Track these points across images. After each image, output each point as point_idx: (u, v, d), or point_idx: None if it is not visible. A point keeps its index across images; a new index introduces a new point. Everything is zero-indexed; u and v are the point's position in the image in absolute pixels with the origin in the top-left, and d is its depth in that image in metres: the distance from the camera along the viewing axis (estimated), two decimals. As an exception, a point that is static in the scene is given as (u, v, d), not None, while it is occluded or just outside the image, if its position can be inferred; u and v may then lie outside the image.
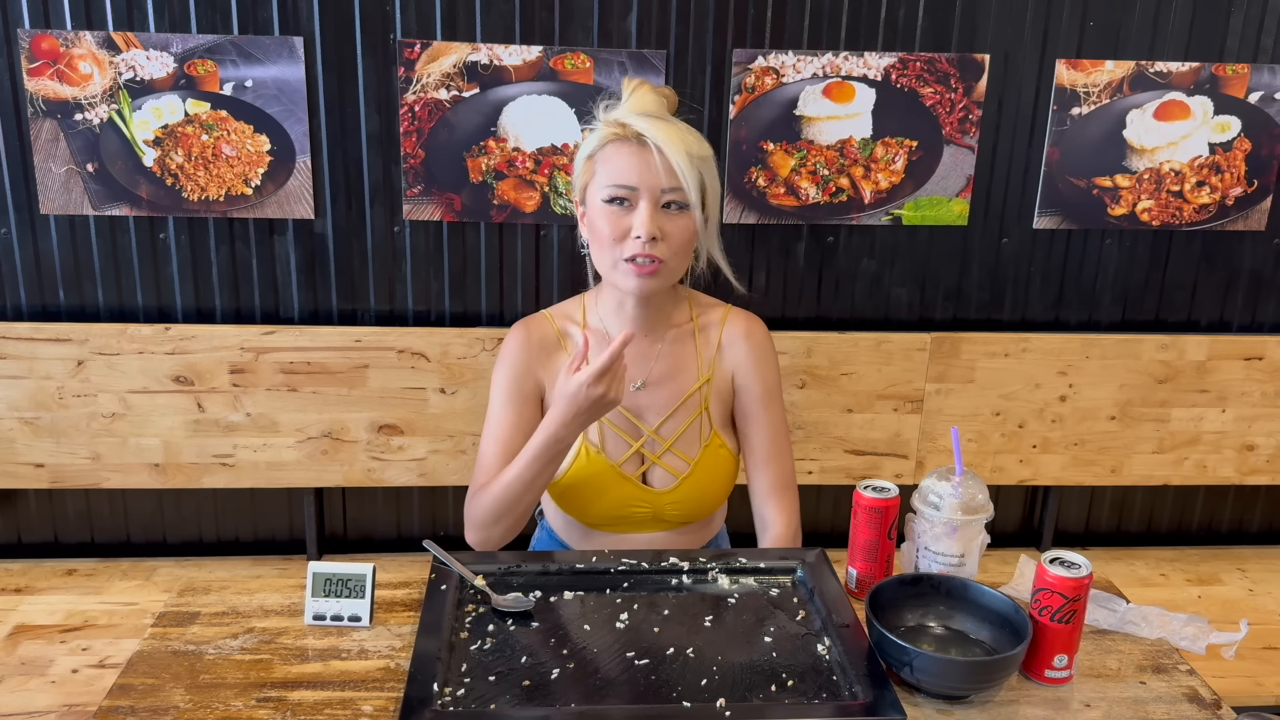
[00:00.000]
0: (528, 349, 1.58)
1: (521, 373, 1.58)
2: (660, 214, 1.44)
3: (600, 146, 1.48)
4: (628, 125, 1.45)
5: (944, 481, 1.40)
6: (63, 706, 1.79)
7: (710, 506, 1.62)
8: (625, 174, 1.44)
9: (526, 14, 2.06)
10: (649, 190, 1.44)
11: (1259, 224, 2.30)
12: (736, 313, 1.63)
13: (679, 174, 1.43)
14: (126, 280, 2.15)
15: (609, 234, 1.46)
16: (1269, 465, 2.39)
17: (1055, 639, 1.23)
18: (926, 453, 2.32)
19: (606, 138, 1.47)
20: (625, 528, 1.59)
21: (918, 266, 2.28)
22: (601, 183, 1.46)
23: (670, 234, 1.45)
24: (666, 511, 1.57)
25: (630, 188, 1.44)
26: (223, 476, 2.20)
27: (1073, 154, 2.22)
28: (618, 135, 1.46)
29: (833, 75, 2.14)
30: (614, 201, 1.45)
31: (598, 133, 1.49)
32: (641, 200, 1.44)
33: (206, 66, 2.03)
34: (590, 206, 1.49)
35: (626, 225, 1.45)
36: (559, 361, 1.58)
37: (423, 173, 2.12)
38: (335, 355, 2.15)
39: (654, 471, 1.57)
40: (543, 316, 1.63)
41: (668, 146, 1.43)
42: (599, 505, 1.56)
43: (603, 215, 1.46)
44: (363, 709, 1.16)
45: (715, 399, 1.59)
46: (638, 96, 1.50)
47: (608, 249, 1.47)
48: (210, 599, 1.37)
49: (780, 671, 1.20)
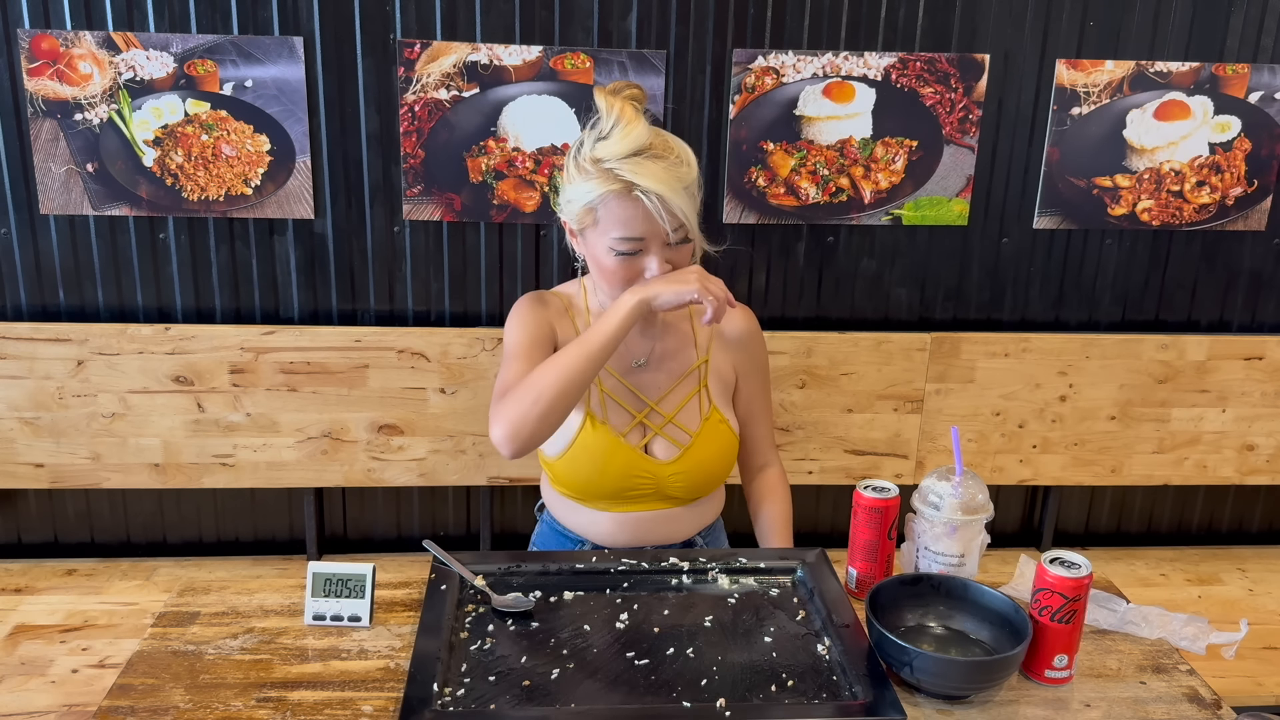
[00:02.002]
0: (544, 307, 1.62)
1: (541, 323, 1.60)
2: (668, 250, 1.48)
3: (601, 200, 1.46)
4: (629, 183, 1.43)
5: (944, 481, 1.40)
6: (63, 706, 1.79)
7: (712, 480, 1.64)
8: (633, 227, 1.45)
9: (526, 14, 2.06)
10: (657, 238, 1.46)
11: (1259, 224, 2.29)
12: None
13: (680, 216, 1.45)
14: (126, 280, 2.15)
15: (620, 279, 1.50)
16: (1269, 465, 2.39)
17: (1055, 639, 1.23)
18: (926, 453, 2.32)
19: (605, 193, 1.45)
20: (628, 504, 1.60)
21: (918, 266, 2.28)
22: (607, 232, 1.47)
23: (677, 263, 1.50)
24: (669, 484, 1.59)
25: (638, 239, 1.46)
26: (223, 476, 2.20)
27: (1073, 154, 2.22)
28: (616, 191, 1.44)
29: (833, 75, 2.14)
30: (623, 254, 1.47)
31: (594, 182, 1.45)
32: (651, 249, 1.47)
33: (206, 66, 2.03)
34: (593, 245, 1.51)
35: (637, 269, 1.48)
36: (567, 331, 1.62)
37: (423, 173, 2.12)
38: (335, 355, 2.15)
39: (656, 443, 1.59)
40: (548, 292, 1.68)
41: (670, 196, 1.43)
42: (603, 478, 1.57)
43: (611, 260, 1.49)
44: (363, 709, 1.16)
45: (713, 377, 1.65)
46: (624, 129, 1.45)
47: (618, 288, 1.50)
48: (210, 599, 1.37)
49: (780, 671, 1.20)
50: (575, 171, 1.50)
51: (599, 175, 1.46)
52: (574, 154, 1.51)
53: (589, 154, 1.48)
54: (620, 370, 1.61)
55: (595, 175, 1.46)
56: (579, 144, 1.51)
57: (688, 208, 1.45)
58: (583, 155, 1.49)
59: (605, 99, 1.49)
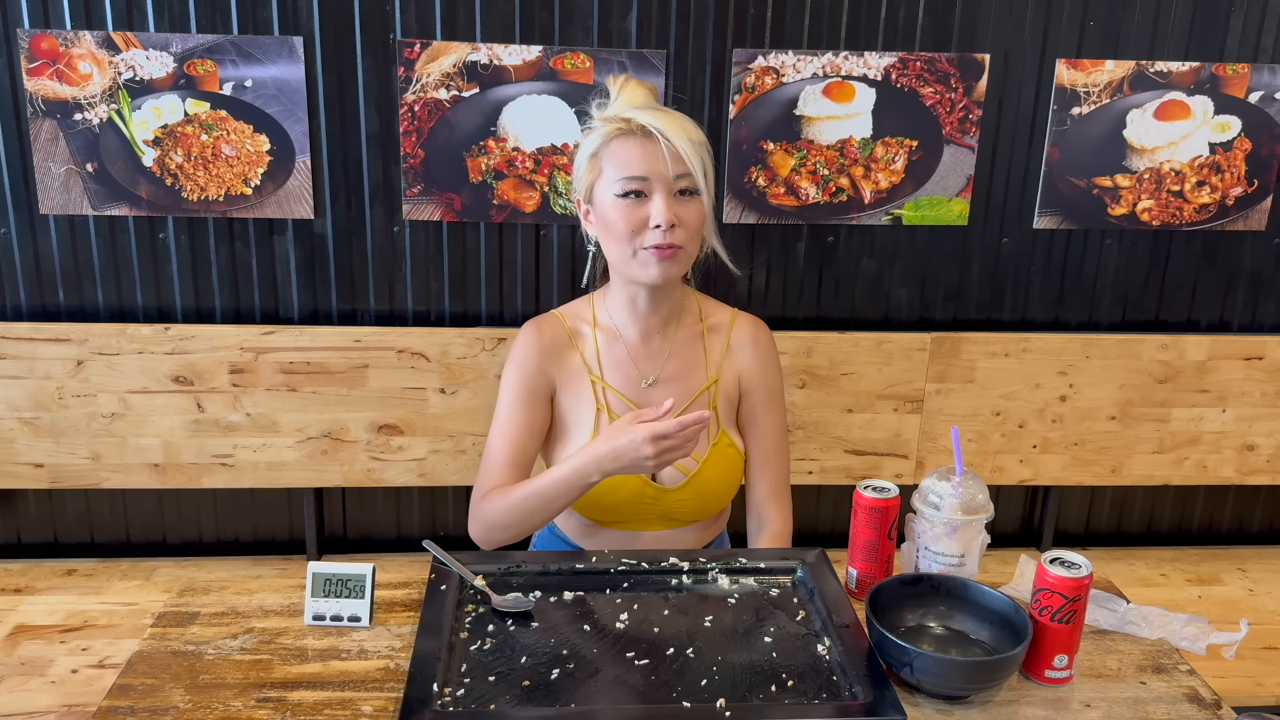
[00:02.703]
0: (539, 347, 1.59)
1: (533, 371, 1.59)
2: (674, 201, 1.47)
3: (604, 143, 1.49)
4: (630, 119, 1.47)
5: (944, 481, 1.40)
6: (62, 706, 1.79)
7: (718, 504, 1.63)
8: (635, 165, 1.46)
9: (526, 14, 2.06)
10: (661, 179, 1.46)
11: (1259, 224, 2.29)
12: (744, 317, 1.67)
13: (686, 160, 1.46)
14: (126, 280, 2.15)
15: (625, 227, 1.47)
16: (1269, 465, 2.39)
17: (1055, 639, 1.23)
18: (926, 453, 2.32)
19: (610, 134, 1.48)
20: (633, 525, 1.60)
21: (918, 266, 2.28)
22: (611, 177, 1.47)
23: (685, 219, 1.48)
24: (674, 509, 1.58)
25: (642, 178, 1.46)
26: (222, 476, 2.20)
27: (1073, 154, 2.22)
28: (621, 130, 1.47)
29: (833, 75, 2.14)
30: (627, 195, 1.46)
31: (599, 130, 1.50)
32: (655, 190, 1.46)
33: (206, 66, 2.03)
34: (600, 203, 1.50)
35: (643, 216, 1.46)
36: (570, 360, 1.59)
37: (422, 173, 2.12)
38: (335, 355, 2.15)
39: None
40: (553, 315, 1.64)
41: (672, 134, 1.45)
42: (608, 501, 1.56)
43: (616, 209, 1.47)
44: (362, 709, 1.16)
45: (722, 399, 1.61)
46: (628, 91, 1.52)
47: (625, 241, 1.48)
48: (210, 599, 1.37)
49: (780, 671, 1.20)
50: (582, 137, 1.53)
51: (602, 123, 1.50)
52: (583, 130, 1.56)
53: (595, 115, 1.53)
54: (629, 392, 1.59)
55: (599, 125, 1.50)
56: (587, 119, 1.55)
57: (692, 155, 1.46)
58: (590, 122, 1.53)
59: (612, 79, 1.55)
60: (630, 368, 1.58)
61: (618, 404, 1.58)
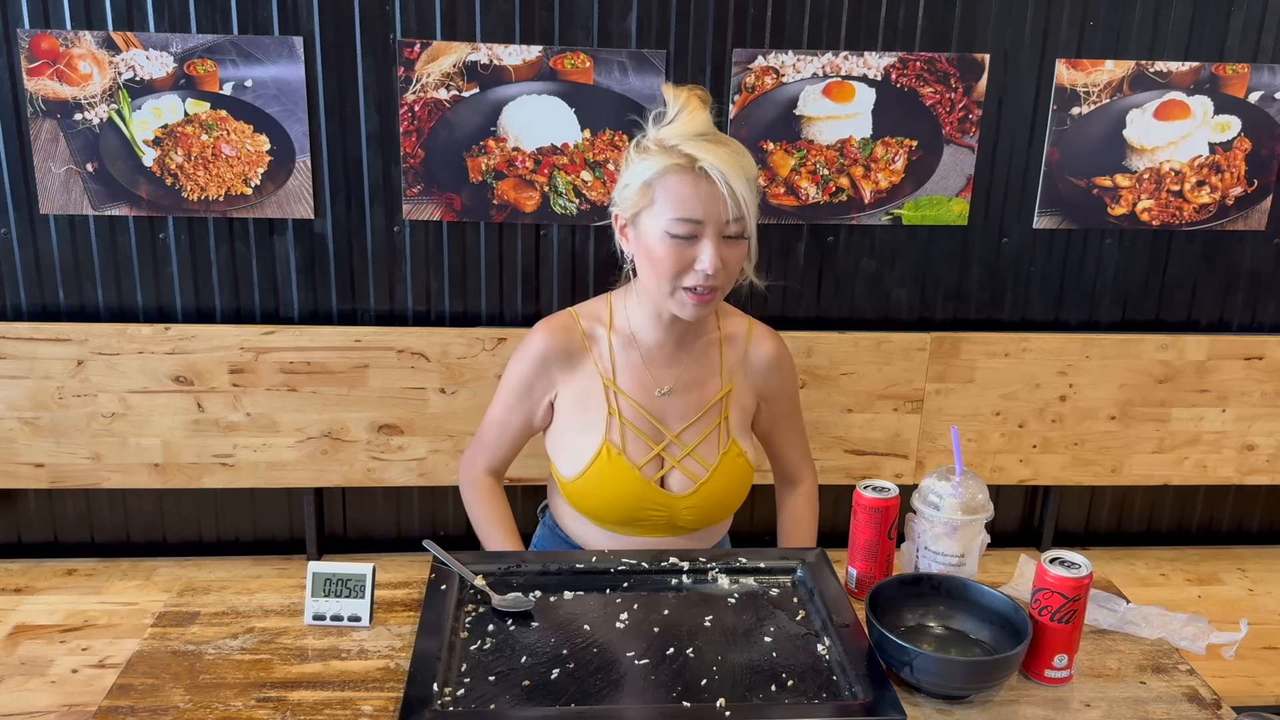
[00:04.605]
0: (549, 354, 1.59)
1: (537, 375, 1.60)
2: (722, 244, 1.43)
3: (660, 175, 1.43)
4: (694, 158, 1.41)
5: (944, 481, 1.40)
6: (62, 706, 1.79)
7: (724, 513, 1.64)
8: (690, 207, 1.41)
9: (526, 14, 2.06)
10: (714, 223, 1.42)
11: (1259, 224, 2.29)
12: (760, 328, 1.67)
13: (742, 205, 1.41)
14: (126, 280, 2.15)
15: (671, 266, 1.44)
16: (1269, 465, 2.39)
17: (1055, 639, 1.23)
18: (926, 453, 2.32)
19: (667, 167, 1.42)
20: (638, 531, 1.60)
21: (918, 266, 2.28)
22: (663, 213, 1.43)
23: (729, 262, 1.45)
24: (681, 516, 1.58)
25: (697, 221, 1.41)
26: (223, 476, 2.20)
27: (1073, 154, 2.22)
28: (679, 165, 1.42)
29: (833, 75, 2.14)
30: (678, 236, 1.43)
31: (654, 158, 1.44)
32: (707, 233, 1.42)
33: (206, 66, 2.03)
34: (646, 233, 1.45)
35: (690, 258, 1.43)
36: (582, 362, 1.59)
37: (423, 173, 2.12)
38: (335, 355, 2.15)
39: (672, 476, 1.57)
40: (569, 315, 1.62)
41: (732, 177, 1.40)
42: (615, 506, 1.56)
43: (664, 246, 1.43)
44: (363, 709, 1.16)
45: (735, 407, 1.61)
46: (689, 114, 1.45)
47: (667, 279, 1.45)
48: (210, 599, 1.37)
49: (780, 671, 1.20)
50: (635, 154, 1.47)
51: (660, 152, 1.43)
52: (635, 142, 1.49)
53: (652, 137, 1.46)
54: (643, 399, 1.58)
55: (656, 153, 1.43)
56: (641, 134, 1.49)
57: (749, 198, 1.42)
58: (645, 139, 1.47)
59: (672, 90, 1.48)
60: (645, 374, 1.58)
61: (630, 410, 1.57)
